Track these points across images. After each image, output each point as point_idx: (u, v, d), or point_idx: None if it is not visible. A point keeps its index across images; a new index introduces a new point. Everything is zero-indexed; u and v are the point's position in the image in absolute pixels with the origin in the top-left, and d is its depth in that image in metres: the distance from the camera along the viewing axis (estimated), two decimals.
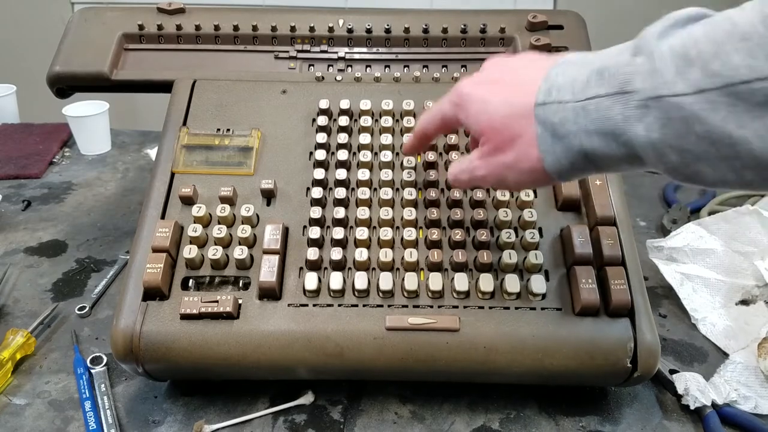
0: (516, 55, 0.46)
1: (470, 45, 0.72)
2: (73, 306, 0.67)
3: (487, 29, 0.72)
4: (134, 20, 0.73)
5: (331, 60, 0.72)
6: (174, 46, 0.73)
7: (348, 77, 0.70)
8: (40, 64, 0.79)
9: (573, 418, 0.54)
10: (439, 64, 0.72)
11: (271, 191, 0.58)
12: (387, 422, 0.54)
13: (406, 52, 0.72)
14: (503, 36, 0.72)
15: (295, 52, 0.72)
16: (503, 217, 0.56)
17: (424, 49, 0.72)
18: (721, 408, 0.54)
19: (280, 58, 0.72)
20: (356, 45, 0.73)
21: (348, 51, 0.72)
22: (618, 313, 0.52)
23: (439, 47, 0.72)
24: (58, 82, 0.73)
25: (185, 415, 0.54)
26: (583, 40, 0.71)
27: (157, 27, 0.73)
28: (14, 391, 0.57)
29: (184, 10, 0.74)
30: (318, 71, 0.71)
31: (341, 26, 0.72)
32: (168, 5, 0.74)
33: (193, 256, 0.54)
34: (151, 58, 0.73)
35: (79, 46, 0.73)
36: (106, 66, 0.71)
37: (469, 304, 0.52)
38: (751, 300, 0.66)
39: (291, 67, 0.71)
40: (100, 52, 0.72)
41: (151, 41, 0.73)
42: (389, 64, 0.72)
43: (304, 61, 0.72)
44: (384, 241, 0.55)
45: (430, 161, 0.60)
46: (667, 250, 0.70)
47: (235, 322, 0.52)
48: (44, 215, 0.85)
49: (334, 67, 0.72)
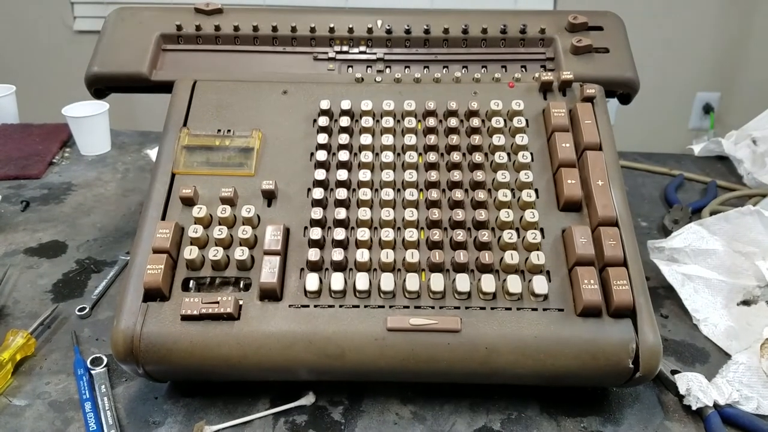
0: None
1: (510, 45, 0.72)
2: (73, 307, 0.67)
3: (527, 30, 0.71)
4: (172, 20, 0.72)
5: (371, 61, 0.72)
6: (212, 46, 0.73)
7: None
8: (40, 64, 0.79)
9: (574, 419, 0.54)
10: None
11: (271, 192, 0.58)
12: (388, 423, 0.54)
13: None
14: (543, 37, 0.72)
15: (334, 53, 0.71)
16: (505, 218, 0.56)
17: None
18: (723, 409, 0.54)
19: (318, 59, 0.71)
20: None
21: (387, 51, 0.72)
22: (620, 313, 0.51)
23: (478, 47, 0.72)
24: (97, 83, 0.72)
25: (186, 416, 0.54)
26: (622, 41, 0.71)
27: (195, 27, 0.72)
28: (14, 392, 0.57)
29: (221, 11, 0.73)
30: (357, 72, 0.70)
31: (380, 27, 0.70)
32: (206, 5, 0.73)
33: (194, 257, 0.54)
34: (190, 59, 0.72)
35: (116, 46, 0.72)
36: (145, 67, 0.70)
37: (471, 305, 0.52)
38: (753, 300, 0.66)
39: (330, 69, 0.70)
40: (139, 52, 0.71)
41: (189, 42, 0.73)
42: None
43: (342, 63, 0.72)
44: (385, 241, 0.55)
45: (431, 162, 0.60)
46: (669, 251, 0.70)
47: (235, 323, 0.52)
48: (44, 216, 0.85)
49: (373, 68, 0.71)
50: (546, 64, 0.71)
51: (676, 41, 2.08)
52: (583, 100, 0.64)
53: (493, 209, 0.58)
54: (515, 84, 0.67)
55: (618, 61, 0.70)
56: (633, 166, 0.99)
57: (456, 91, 0.66)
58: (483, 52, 0.72)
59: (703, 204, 0.86)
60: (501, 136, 0.62)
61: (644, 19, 2.03)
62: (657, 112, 2.21)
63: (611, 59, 0.70)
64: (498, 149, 0.61)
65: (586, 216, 0.57)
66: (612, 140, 0.61)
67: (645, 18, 2.03)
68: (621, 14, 0.75)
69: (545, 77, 0.65)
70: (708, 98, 2.19)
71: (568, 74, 0.65)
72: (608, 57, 0.70)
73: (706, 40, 2.09)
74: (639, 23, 2.09)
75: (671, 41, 2.08)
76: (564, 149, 0.60)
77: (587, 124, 0.61)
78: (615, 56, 0.70)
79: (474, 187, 0.59)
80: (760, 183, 0.91)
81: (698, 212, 0.84)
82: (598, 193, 0.57)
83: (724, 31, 2.07)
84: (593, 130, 0.61)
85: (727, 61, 2.13)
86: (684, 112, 2.23)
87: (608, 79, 0.68)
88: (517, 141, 0.62)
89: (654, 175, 0.97)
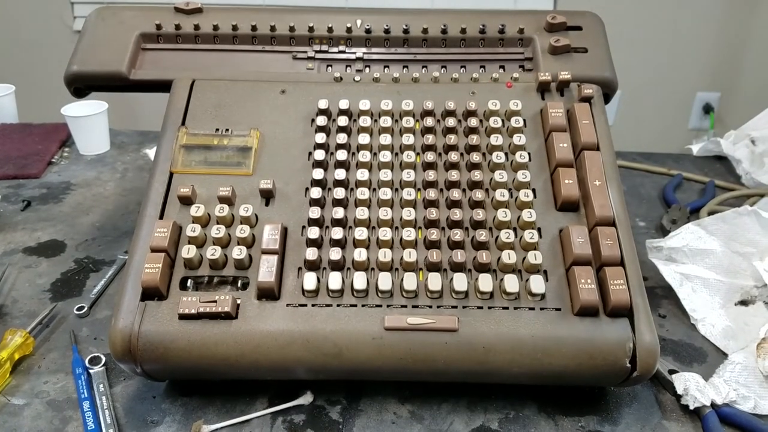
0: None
1: (489, 45, 0.72)
2: (71, 306, 0.67)
3: (506, 30, 0.72)
4: (152, 20, 0.73)
5: (349, 60, 0.72)
6: (191, 46, 0.73)
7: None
8: (40, 64, 0.79)
9: (572, 418, 0.54)
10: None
11: (269, 191, 0.58)
12: (386, 422, 0.54)
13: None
14: (522, 37, 0.72)
15: (313, 52, 0.71)
16: (502, 218, 0.56)
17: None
18: (720, 408, 0.54)
19: (298, 58, 0.72)
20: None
21: (366, 51, 0.72)
22: (617, 313, 0.52)
23: (457, 47, 0.72)
24: (76, 82, 0.72)
25: (184, 415, 0.54)
26: (601, 41, 0.71)
27: (174, 27, 0.72)
28: (13, 391, 0.57)
29: (201, 10, 0.74)
30: (336, 71, 0.70)
31: (359, 26, 0.71)
32: (185, 5, 0.73)
33: (192, 256, 0.54)
34: (169, 58, 0.72)
35: (96, 45, 0.72)
36: (124, 66, 0.70)
37: (468, 305, 0.52)
38: (750, 300, 0.66)
39: (309, 68, 0.71)
40: (118, 51, 0.71)
41: (169, 41, 0.73)
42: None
43: (322, 62, 0.72)
44: (383, 241, 0.55)
45: (429, 162, 0.60)
46: (667, 251, 0.70)
47: (233, 322, 0.52)
48: (43, 215, 0.85)
49: (352, 68, 0.71)
50: (524, 64, 0.71)
51: (676, 41, 2.08)
52: (580, 101, 0.64)
53: (491, 209, 0.58)
54: (513, 84, 0.67)
55: (596, 61, 0.70)
56: (631, 166, 0.99)
57: (454, 91, 0.66)
58: (462, 52, 0.72)
59: (701, 204, 0.86)
60: (499, 136, 0.62)
61: (644, 19, 2.03)
62: (657, 112, 2.21)
63: (589, 59, 0.70)
64: (496, 149, 0.61)
65: (583, 216, 0.57)
66: (609, 140, 0.62)
67: (645, 18, 2.03)
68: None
69: (543, 77, 0.65)
70: (708, 98, 2.19)
71: (565, 74, 0.65)
72: (586, 57, 0.70)
73: (706, 40, 2.09)
74: (639, 23, 2.10)
75: (672, 41, 2.08)
76: (561, 149, 0.60)
77: (585, 124, 0.61)
78: (593, 56, 0.70)
79: (472, 187, 0.59)
80: (758, 183, 0.91)
81: (696, 212, 0.84)
82: (596, 192, 0.57)
83: (724, 31, 2.07)
84: (591, 130, 0.61)
85: (727, 61, 2.13)
86: (684, 112, 2.23)
87: (586, 79, 0.67)
88: (515, 141, 0.62)
89: (652, 174, 0.97)
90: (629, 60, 2.07)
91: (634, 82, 2.09)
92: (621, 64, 0.75)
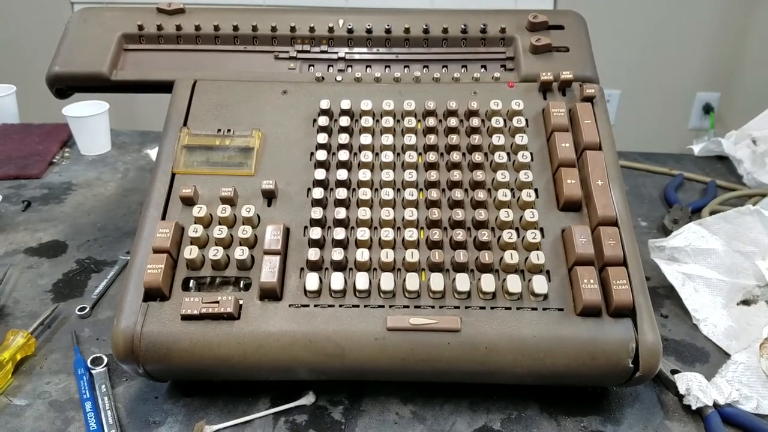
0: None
1: (470, 45, 0.72)
2: (73, 307, 0.67)
3: (488, 29, 0.72)
4: (134, 20, 0.73)
5: (332, 60, 0.72)
6: (173, 46, 0.73)
7: (348, 77, 0.70)
8: (40, 64, 0.79)
9: (574, 419, 0.54)
10: (440, 64, 0.72)
11: (271, 192, 0.58)
12: (388, 423, 0.54)
13: (406, 52, 0.72)
14: (504, 36, 0.72)
15: (295, 52, 0.72)
16: (504, 218, 0.56)
17: (424, 50, 0.72)
18: (723, 408, 0.54)
19: (280, 58, 0.72)
20: (356, 45, 0.72)
21: (348, 51, 0.72)
22: (619, 313, 0.52)
23: (439, 47, 0.72)
24: (58, 83, 0.73)
25: (186, 416, 0.54)
26: (583, 41, 0.71)
27: (156, 27, 0.73)
28: (15, 391, 0.57)
29: (183, 11, 0.74)
30: (318, 71, 0.71)
31: (341, 26, 0.72)
32: (168, 5, 0.74)
33: (194, 256, 0.54)
34: (151, 59, 0.73)
35: (78, 46, 0.72)
36: (106, 66, 0.70)
37: (471, 305, 0.52)
38: (753, 300, 0.66)
39: (291, 68, 0.71)
40: (100, 52, 0.71)
41: (151, 41, 0.73)
42: (389, 65, 0.72)
43: (304, 62, 0.72)
44: (385, 241, 0.55)
45: (431, 162, 0.60)
46: (669, 250, 0.70)
47: (235, 322, 0.52)
48: (44, 216, 0.85)
49: (334, 68, 0.72)
50: (506, 63, 0.71)
51: (676, 41, 2.08)
52: (582, 100, 0.64)
53: (493, 209, 0.58)
54: (515, 84, 0.67)
55: (577, 60, 0.70)
56: (633, 166, 0.99)
57: (456, 91, 0.66)
58: (444, 52, 0.72)
59: (703, 204, 0.86)
60: (501, 136, 0.62)
61: (644, 19, 2.03)
62: (657, 112, 2.20)
63: (571, 58, 0.70)
64: (498, 149, 0.61)
65: (585, 216, 0.57)
66: (612, 140, 0.61)
67: (645, 18, 2.03)
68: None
69: (545, 77, 0.65)
70: (708, 98, 2.19)
71: (567, 74, 0.65)
72: (568, 56, 0.70)
73: (706, 40, 2.09)
74: (639, 23, 2.10)
75: (672, 41, 2.08)
76: (564, 149, 0.60)
77: (587, 123, 0.61)
78: (574, 55, 0.70)
79: (474, 187, 0.59)
80: (759, 183, 0.91)
81: (698, 212, 0.84)
82: (598, 192, 0.57)
83: (724, 31, 2.07)
84: (593, 129, 0.61)
85: (727, 61, 2.13)
86: (684, 112, 2.23)
87: None
88: (517, 141, 0.62)
89: (654, 174, 0.97)
90: (629, 60, 2.08)
91: (634, 82, 2.09)
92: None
